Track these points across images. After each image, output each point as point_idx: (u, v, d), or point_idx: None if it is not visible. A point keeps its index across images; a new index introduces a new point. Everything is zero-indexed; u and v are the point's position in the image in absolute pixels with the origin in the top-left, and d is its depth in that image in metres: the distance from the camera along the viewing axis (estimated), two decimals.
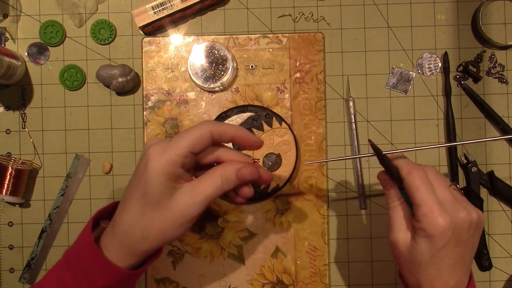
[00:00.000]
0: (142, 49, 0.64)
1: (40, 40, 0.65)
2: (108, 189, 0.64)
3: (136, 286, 0.64)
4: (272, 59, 0.64)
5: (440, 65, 0.65)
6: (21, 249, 0.65)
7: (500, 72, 0.65)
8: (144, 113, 0.64)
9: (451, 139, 0.64)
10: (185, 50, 0.64)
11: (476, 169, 0.63)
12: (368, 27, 0.65)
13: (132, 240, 0.45)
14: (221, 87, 0.63)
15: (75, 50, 0.65)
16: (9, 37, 0.65)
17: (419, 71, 0.65)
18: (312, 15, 0.65)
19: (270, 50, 0.64)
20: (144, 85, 0.64)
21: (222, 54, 0.62)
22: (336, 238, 0.64)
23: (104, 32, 0.64)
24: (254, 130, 0.63)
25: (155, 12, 0.62)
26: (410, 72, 0.65)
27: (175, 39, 0.64)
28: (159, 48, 0.64)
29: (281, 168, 0.62)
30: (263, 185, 0.50)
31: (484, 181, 0.64)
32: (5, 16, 0.65)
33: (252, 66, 0.64)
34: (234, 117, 0.63)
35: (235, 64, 0.63)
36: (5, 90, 0.65)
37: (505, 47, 0.65)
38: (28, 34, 0.65)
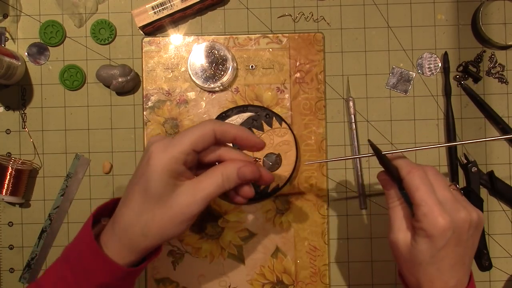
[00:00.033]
0: (142, 49, 0.64)
1: (40, 40, 0.65)
2: (108, 189, 0.64)
3: (136, 286, 0.64)
4: (272, 59, 0.64)
5: (440, 65, 0.65)
6: (21, 249, 0.65)
7: (500, 72, 0.65)
8: (144, 113, 0.64)
9: (451, 139, 0.64)
10: (185, 50, 0.64)
11: (476, 169, 0.63)
12: (368, 27, 0.65)
13: (132, 236, 0.45)
14: (221, 87, 0.63)
15: (75, 50, 0.65)
16: (9, 37, 0.65)
17: (419, 71, 0.65)
18: (312, 15, 0.65)
19: (270, 50, 0.64)
20: (144, 85, 0.64)
21: (222, 54, 0.62)
22: (336, 238, 0.64)
23: (104, 32, 0.64)
24: (254, 130, 0.63)
25: (155, 12, 0.62)
26: (410, 72, 0.65)
27: (175, 39, 0.64)
28: (159, 48, 0.64)
29: (281, 168, 0.62)
30: (263, 185, 0.50)
31: (484, 181, 0.64)
32: (5, 16, 0.65)
33: (252, 66, 0.64)
34: (234, 117, 0.63)
35: (235, 64, 0.63)
36: (5, 90, 0.65)
37: (505, 47, 0.65)
38: (28, 34, 0.65)
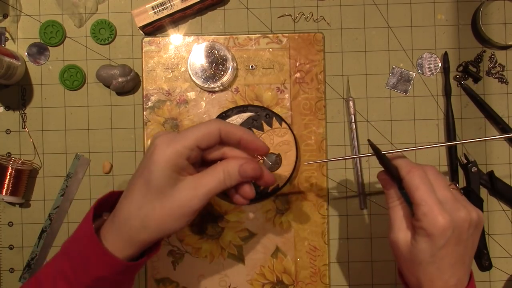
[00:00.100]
0: (142, 49, 0.64)
1: (40, 40, 0.65)
2: (108, 189, 0.64)
3: (136, 286, 0.63)
4: (272, 59, 0.64)
5: (440, 65, 0.65)
6: (21, 249, 0.65)
7: (500, 72, 0.65)
8: (144, 113, 0.64)
9: (451, 139, 0.64)
10: (185, 50, 0.64)
11: (476, 169, 0.63)
12: (368, 27, 0.65)
13: (131, 228, 0.45)
14: (221, 87, 0.63)
15: (75, 50, 0.65)
16: (9, 37, 0.65)
17: (419, 71, 0.65)
18: (312, 15, 0.65)
19: (270, 50, 0.64)
20: (144, 85, 0.64)
21: (222, 54, 0.62)
22: (336, 238, 0.64)
23: (104, 32, 0.64)
24: (254, 130, 0.63)
25: (155, 12, 0.62)
26: (410, 72, 0.65)
27: (175, 39, 0.64)
28: (159, 48, 0.64)
29: (281, 168, 0.62)
30: (264, 186, 0.50)
31: (484, 181, 0.64)
32: (5, 16, 0.65)
33: (252, 66, 0.64)
34: (234, 117, 0.63)
35: (235, 64, 0.63)
36: (5, 90, 0.65)
37: (505, 47, 0.65)
38: (28, 34, 0.65)
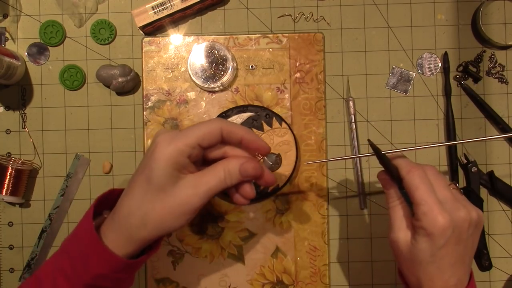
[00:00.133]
0: (142, 49, 0.64)
1: (40, 40, 0.65)
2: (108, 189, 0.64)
3: (136, 286, 0.63)
4: (272, 59, 0.64)
5: (440, 65, 0.65)
6: (21, 249, 0.65)
7: (500, 72, 0.65)
8: (144, 113, 0.64)
9: (451, 139, 0.64)
10: (185, 50, 0.64)
11: (476, 169, 0.63)
12: (368, 27, 0.65)
13: (131, 225, 0.46)
14: (221, 87, 0.63)
15: (75, 50, 0.65)
16: (9, 37, 0.65)
17: (419, 71, 0.65)
18: (312, 15, 0.65)
19: (270, 50, 0.64)
20: (144, 85, 0.64)
21: (222, 54, 0.62)
22: (336, 238, 0.64)
23: (104, 32, 0.64)
24: (254, 130, 0.63)
25: (155, 12, 0.62)
26: (410, 72, 0.65)
27: (175, 39, 0.64)
28: (159, 48, 0.64)
29: (281, 168, 0.62)
30: (264, 186, 0.50)
31: (484, 181, 0.64)
32: (5, 16, 0.65)
33: (252, 66, 0.64)
34: (234, 117, 0.63)
35: (235, 64, 0.63)
36: (5, 90, 0.65)
37: (505, 47, 0.65)
38: (28, 34, 0.65)
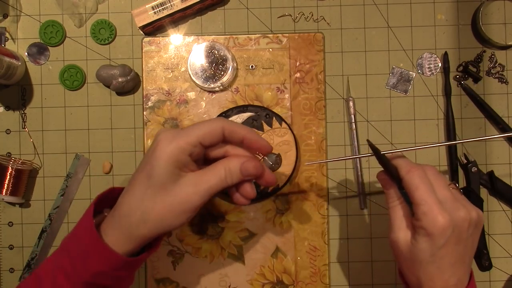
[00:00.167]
0: (142, 49, 0.64)
1: (40, 40, 0.65)
2: None
3: (136, 286, 0.63)
4: (272, 59, 0.64)
5: (440, 65, 0.65)
6: (21, 249, 0.65)
7: (500, 72, 0.65)
8: (144, 113, 0.64)
9: (451, 139, 0.64)
10: (185, 50, 0.64)
11: (476, 169, 0.63)
12: (368, 27, 0.65)
13: (131, 223, 0.46)
14: (221, 87, 0.63)
15: (75, 50, 0.65)
16: (9, 37, 0.65)
17: (419, 71, 0.65)
18: (312, 15, 0.65)
19: (270, 50, 0.64)
20: (144, 85, 0.64)
21: (222, 54, 0.62)
22: (336, 238, 0.64)
23: (104, 32, 0.64)
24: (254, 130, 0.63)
25: (155, 12, 0.62)
26: (410, 72, 0.65)
27: (175, 39, 0.64)
28: (159, 48, 0.64)
29: (281, 168, 0.62)
30: (265, 185, 0.50)
31: (484, 181, 0.64)
32: (5, 16, 0.65)
33: (252, 66, 0.64)
34: (234, 117, 0.63)
35: (235, 64, 0.63)
36: (5, 90, 0.65)
37: (505, 47, 0.65)
38: (28, 34, 0.65)
